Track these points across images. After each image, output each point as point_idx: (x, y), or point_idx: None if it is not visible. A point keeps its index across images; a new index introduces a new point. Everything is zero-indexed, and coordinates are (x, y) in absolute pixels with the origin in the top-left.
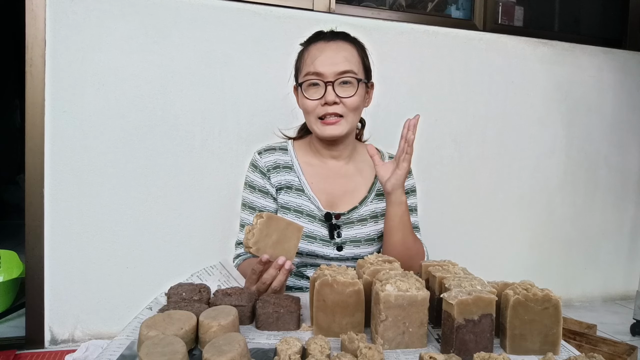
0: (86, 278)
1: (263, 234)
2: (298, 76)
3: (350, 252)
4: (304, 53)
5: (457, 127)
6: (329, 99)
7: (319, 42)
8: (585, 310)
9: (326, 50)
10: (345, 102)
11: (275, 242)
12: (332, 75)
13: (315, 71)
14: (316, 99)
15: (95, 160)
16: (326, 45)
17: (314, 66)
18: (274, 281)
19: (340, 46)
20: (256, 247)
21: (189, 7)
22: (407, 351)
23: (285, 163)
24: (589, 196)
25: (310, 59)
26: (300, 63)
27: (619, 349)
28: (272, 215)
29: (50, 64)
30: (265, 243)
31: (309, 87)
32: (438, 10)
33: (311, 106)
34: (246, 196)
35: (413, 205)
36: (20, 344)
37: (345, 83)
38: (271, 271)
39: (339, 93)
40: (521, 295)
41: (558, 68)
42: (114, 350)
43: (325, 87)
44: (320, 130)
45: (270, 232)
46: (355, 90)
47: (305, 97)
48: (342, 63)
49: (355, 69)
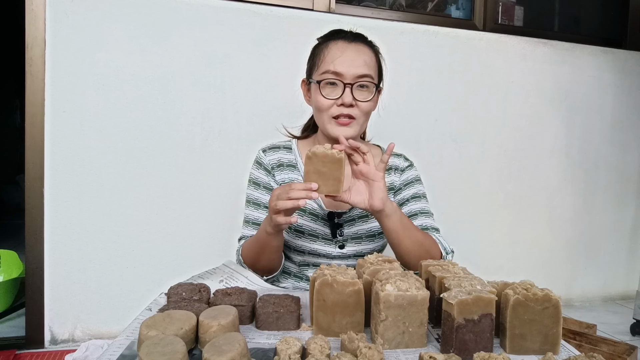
0: (86, 278)
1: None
2: (312, 72)
3: (352, 250)
4: (323, 49)
5: (457, 127)
6: (347, 101)
7: (339, 40)
8: (585, 310)
9: (347, 51)
10: (361, 105)
11: (324, 175)
12: (352, 77)
13: (335, 70)
14: (333, 98)
15: (95, 160)
16: (348, 46)
17: (333, 65)
18: (294, 191)
19: (361, 49)
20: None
21: (189, 7)
22: (407, 351)
23: (289, 161)
24: (589, 196)
25: (331, 57)
26: (317, 59)
27: (618, 349)
28: (315, 151)
29: (50, 64)
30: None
31: (326, 85)
32: (438, 10)
33: (326, 105)
34: (251, 193)
35: (419, 192)
36: (20, 343)
37: (362, 87)
38: (301, 192)
39: (356, 96)
40: (521, 295)
41: (558, 68)
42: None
43: (343, 89)
44: (334, 130)
45: (317, 167)
46: (371, 95)
47: (321, 95)
48: (362, 66)
49: (373, 73)
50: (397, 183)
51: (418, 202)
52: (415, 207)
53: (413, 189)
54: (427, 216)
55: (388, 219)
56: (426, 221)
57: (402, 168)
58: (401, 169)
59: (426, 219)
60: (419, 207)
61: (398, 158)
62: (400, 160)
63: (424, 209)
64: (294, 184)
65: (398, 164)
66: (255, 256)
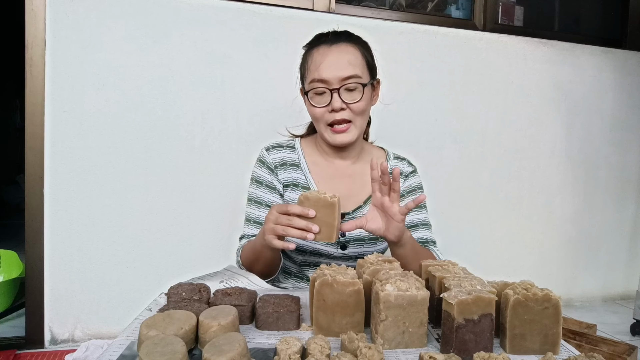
0: (86, 278)
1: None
2: (304, 81)
3: (354, 251)
4: (307, 58)
5: (457, 127)
6: (336, 106)
7: (321, 45)
8: (585, 310)
9: (329, 55)
10: (352, 107)
11: (317, 221)
12: (337, 81)
13: (320, 78)
14: (323, 106)
15: (95, 160)
16: (329, 49)
17: (318, 73)
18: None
19: (342, 49)
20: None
21: (189, 7)
22: (407, 351)
23: (292, 161)
24: (589, 196)
25: (314, 65)
26: (304, 69)
27: (618, 349)
28: (307, 195)
29: (50, 64)
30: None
31: (315, 95)
32: (438, 10)
33: (319, 113)
34: (253, 191)
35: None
36: (20, 343)
37: (350, 89)
38: (296, 232)
39: (345, 99)
40: (521, 295)
41: (558, 68)
42: (114, 350)
43: (331, 95)
44: (331, 138)
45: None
46: (361, 95)
47: (312, 105)
48: (346, 68)
49: (359, 72)
50: (401, 189)
51: (419, 212)
52: (416, 218)
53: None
54: (427, 228)
55: (400, 248)
56: (425, 234)
57: (406, 173)
58: (405, 175)
59: (426, 232)
60: (420, 218)
61: (402, 162)
62: (404, 164)
63: (424, 220)
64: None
65: (402, 168)
66: (252, 262)
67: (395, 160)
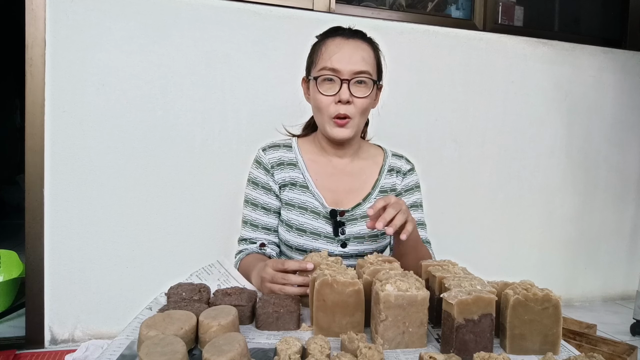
0: (86, 278)
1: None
2: (311, 69)
3: (354, 249)
4: (321, 46)
5: (457, 127)
6: (343, 97)
7: (337, 37)
8: (585, 310)
9: (345, 48)
10: (358, 102)
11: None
12: (349, 73)
13: (332, 67)
14: (330, 94)
15: (95, 160)
16: (345, 42)
17: (330, 62)
18: (288, 287)
19: (358, 45)
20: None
21: (189, 7)
22: (407, 351)
23: (290, 160)
24: (589, 196)
25: (328, 53)
26: (315, 56)
27: (618, 349)
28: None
29: (50, 64)
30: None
31: (323, 82)
32: (438, 10)
33: (325, 103)
34: (249, 193)
35: (418, 201)
36: (20, 344)
37: (360, 83)
38: (297, 279)
39: (354, 92)
40: (521, 295)
41: (558, 68)
42: (113, 350)
43: (340, 84)
44: (332, 130)
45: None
46: (369, 91)
47: (319, 92)
48: (360, 63)
49: (371, 70)
50: (399, 187)
51: (415, 211)
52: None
53: (413, 197)
54: (422, 228)
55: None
56: (421, 233)
57: (404, 171)
58: (403, 172)
59: (421, 232)
60: (416, 217)
61: (400, 160)
62: (402, 162)
63: (420, 220)
64: (290, 265)
65: (400, 166)
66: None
67: (393, 157)
